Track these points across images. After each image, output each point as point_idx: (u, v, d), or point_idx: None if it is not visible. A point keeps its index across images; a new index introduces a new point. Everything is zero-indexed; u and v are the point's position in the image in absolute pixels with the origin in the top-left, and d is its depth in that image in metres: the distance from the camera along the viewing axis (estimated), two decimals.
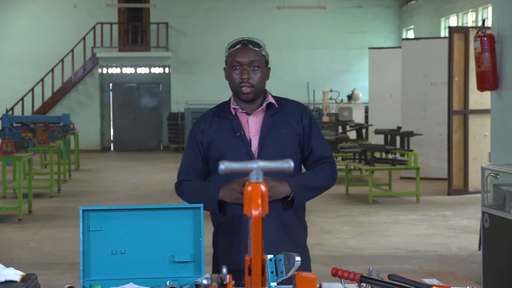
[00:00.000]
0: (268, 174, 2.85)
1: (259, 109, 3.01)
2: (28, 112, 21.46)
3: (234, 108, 3.01)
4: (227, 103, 3.05)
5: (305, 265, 2.98)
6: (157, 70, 23.13)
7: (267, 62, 3.02)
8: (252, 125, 2.99)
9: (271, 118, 2.99)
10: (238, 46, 2.96)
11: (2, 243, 7.99)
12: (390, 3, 23.40)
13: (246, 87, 2.94)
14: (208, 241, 2.91)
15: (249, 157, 2.91)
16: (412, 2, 22.39)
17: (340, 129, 15.88)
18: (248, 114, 3.00)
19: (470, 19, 18.37)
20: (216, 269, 3.01)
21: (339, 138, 13.57)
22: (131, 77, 23.11)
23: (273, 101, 3.02)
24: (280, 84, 22.54)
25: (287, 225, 2.98)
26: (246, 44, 2.96)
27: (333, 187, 3.25)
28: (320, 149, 3.03)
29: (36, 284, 2.62)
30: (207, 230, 2.90)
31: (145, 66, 22.99)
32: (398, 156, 12.36)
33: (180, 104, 22.28)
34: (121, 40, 22.74)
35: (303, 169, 3.12)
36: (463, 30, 11.93)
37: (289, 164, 1.72)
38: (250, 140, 2.96)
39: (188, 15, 22.61)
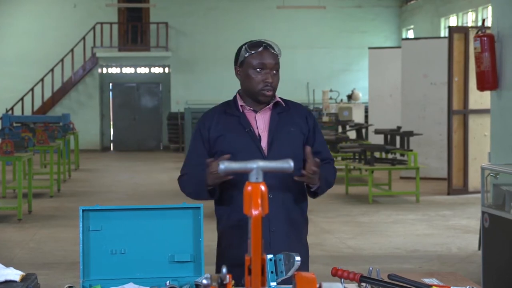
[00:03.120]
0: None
1: (266, 107, 3.03)
2: (28, 112, 21.45)
3: (241, 106, 3.03)
4: (233, 101, 3.07)
5: (304, 261, 2.99)
6: (157, 70, 23.13)
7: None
8: (260, 122, 3.01)
9: (278, 116, 3.02)
10: (261, 49, 2.96)
11: (2, 243, 7.98)
12: (390, 3, 23.39)
13: (269, 91, 2.97)
14: (207, 240, 2.91)
15: (260, 152, 2.93)
16: (412, 2, 22.38)
17: (340, 129, 15.88)
18: (255, 111, 3.02)
19: (470, 19, 18.37)
20: (219, 266, 2.99)
21: (339, 138, 13.56)
22: (131, 77, 23.11)
23: (280, 100, 3.06)
24: (280, 84, 22.27)
25: (294, 219, 3.00)
26: (268, 48, 2.97)
27: (333, 187, 3.28)
28: (323, 151, 3.09)
29: (36, 284, 2.62)
30: (207, 230, 2.90)
31: (145, 66, 22.98)
32: (398, 156, 12.36)
33: (180, 104, 22.27)
34: (121, 40, 22.73)
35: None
36: (463, 30, 11.93)
37: (289, 164, 1.72)
38: (260, 136, 2.98)
39: (188, 15, 22.60)
